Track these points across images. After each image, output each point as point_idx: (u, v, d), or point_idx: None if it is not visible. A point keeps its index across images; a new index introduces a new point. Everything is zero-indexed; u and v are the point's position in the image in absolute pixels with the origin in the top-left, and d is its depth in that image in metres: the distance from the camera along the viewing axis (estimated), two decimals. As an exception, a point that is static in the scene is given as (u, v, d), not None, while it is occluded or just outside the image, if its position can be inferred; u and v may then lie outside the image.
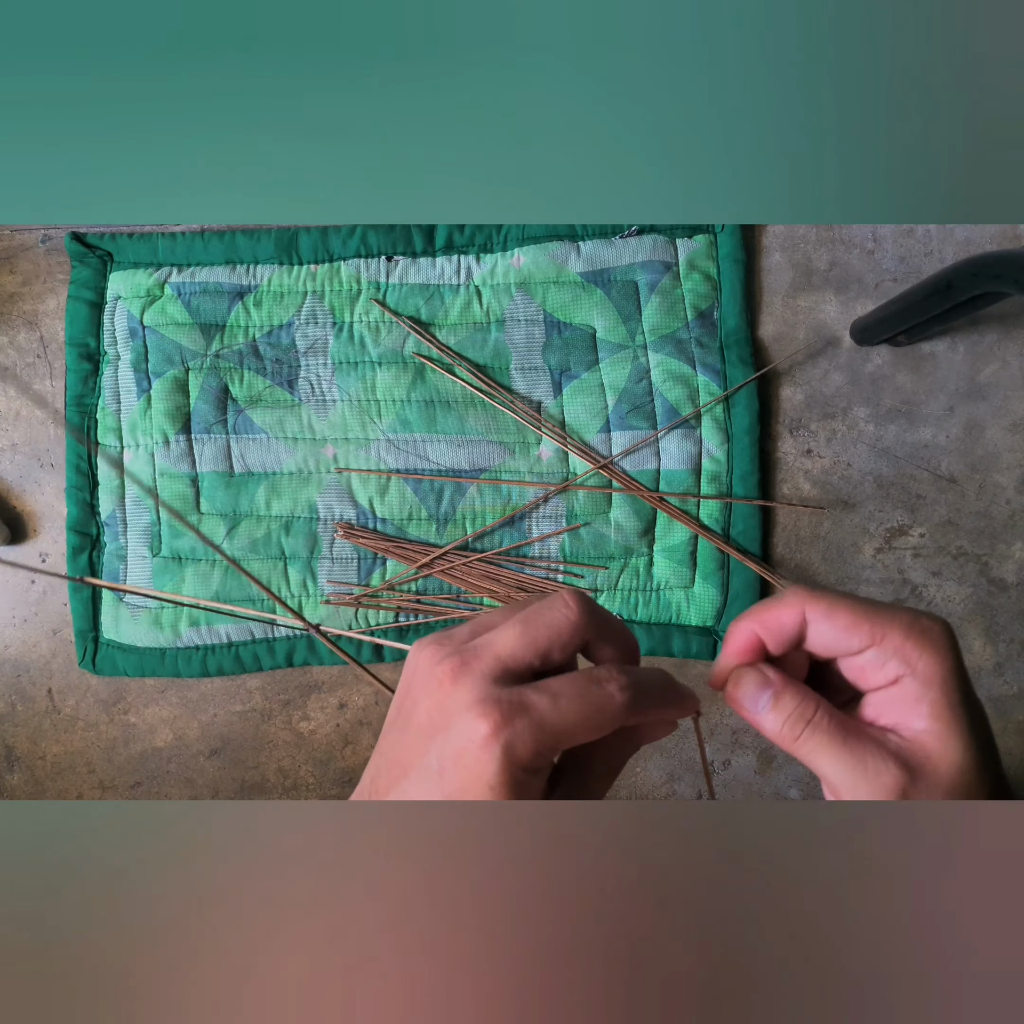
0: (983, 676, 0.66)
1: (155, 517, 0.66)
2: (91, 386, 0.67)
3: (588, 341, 0.66)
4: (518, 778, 0.21)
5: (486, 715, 0.21)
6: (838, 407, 0.67)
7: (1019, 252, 0.47)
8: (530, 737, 0.21)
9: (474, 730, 0.21)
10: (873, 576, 0.66)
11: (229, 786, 0.67)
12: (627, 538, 0.65)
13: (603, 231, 0.67)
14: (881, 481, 0.67)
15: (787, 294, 0.68)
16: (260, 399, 0.66)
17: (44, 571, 0.26)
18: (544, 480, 0.66)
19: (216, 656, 0.66)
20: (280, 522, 0.66)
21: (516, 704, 0.21)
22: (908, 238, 0.67)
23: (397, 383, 0.66)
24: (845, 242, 0.67)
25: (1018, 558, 0.66)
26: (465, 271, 0.67)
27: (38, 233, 0.69)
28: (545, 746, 0.21)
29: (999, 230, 0.67)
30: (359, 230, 0.67)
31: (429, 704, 0.22)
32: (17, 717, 0.67)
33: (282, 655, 0.66)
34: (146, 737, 0.67)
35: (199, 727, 0.67)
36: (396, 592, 0.66)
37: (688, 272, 0.66)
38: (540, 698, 0.21)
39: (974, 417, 0.66)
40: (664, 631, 0.66)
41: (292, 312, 0.66)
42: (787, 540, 0.67)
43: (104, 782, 0.68)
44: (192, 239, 0.67)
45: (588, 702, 0.22)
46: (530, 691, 0.22)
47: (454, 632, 0.24)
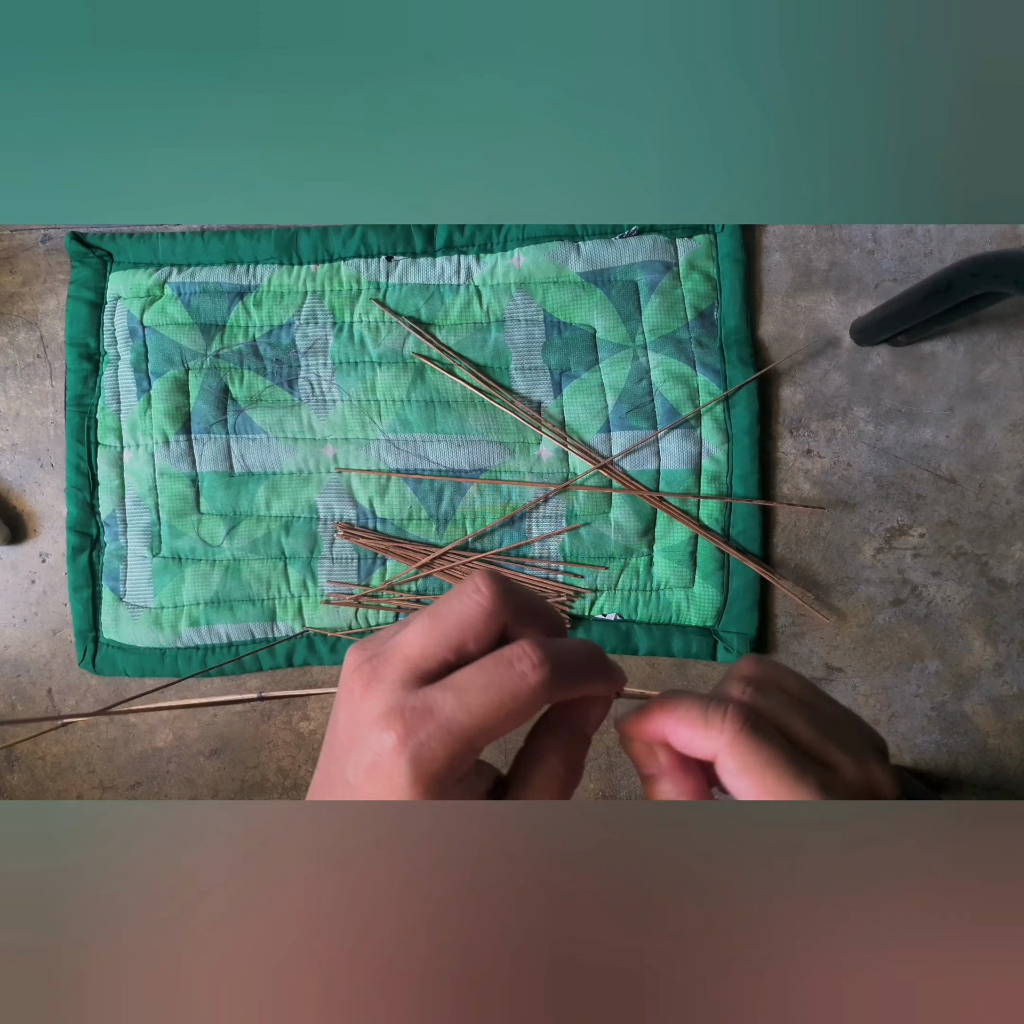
0: (983, 676, 0.67)
1: (155, 517, 0.66)
2: (91, 386, 0.67)
3: (588, 341, 0.66)
4: (432, 790, 0.20)
5: (390, 727, 0.20)
6: (838, 407, 0.67)
7: (1019, 252, 0.47)
8: (438, 743, 0.20)
9: (380, 744, 0.20)
10: (873, 576, 0.66)
11: (229, 786, 0.67)
12: (627, 538, 0.65)
13: (603, 231, 0.67)
14: (881, 481, 0.67)
15: (787, 294, 0.68)
16: (260, 399, 0.66)
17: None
18: (544, 480, 0.66)
19: (216, 656, 0.66)
20: (280, 522, 0.66)
21: (420, 710, 0.20)
22: (908, 238, 0.67)
23: (397, 383, 0.66)
24: (845, 242, 0.67)
25: (1018, 558, 0.66)
26: (465, 271, 0.67)
27: (38, 233, 0.69)
28: (457, 750, 0.20)
29: (999, 230, 0.67)
30: (359, 230, 0.67)
31: (344, 716, 0.21)
32: (17, 717, 0.67)
33: (282, 655, 0.66)
34: (146, 737, 0.67)
35: (199, 727, 0.67)
36: (396, 592, 0.66)
37: (688, 272, 0.66)
38: (445, 697, 0.20)
39: (974, 417, 0.66)
40: (664, 631, 0.66)
41: (292, 312, 0.66)
42: (787, 540, 0.67)
43: (104, 782, 0.68)
44: (192, 239, 0.67)
45: (499, 689, 0.20)
46: (436, 691, 0.20)
47: (379, 634, 0.23)
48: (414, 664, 0.21)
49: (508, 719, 0.20)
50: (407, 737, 0.20)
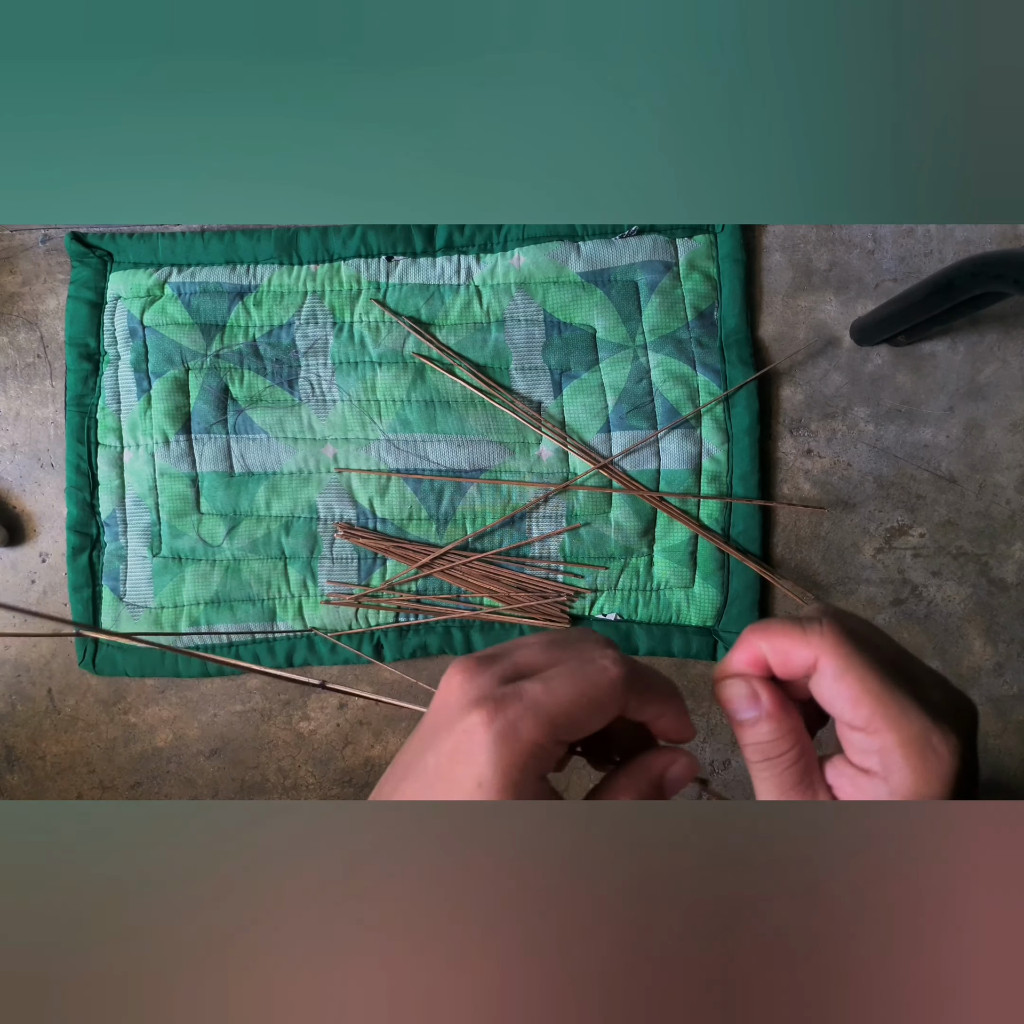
0: (983, 676, 0.66)
1: (155, 517, 0.66)
2: (91, 386, 0.67)
3: (588, 341, 0.66)
4: (511, 775, 0.20)
5: (480, 707, 0.21)
6: (838, 407, 0.67)
7: (1019, 252, 0.47)
8: (523, 724, 0.20)
9: (468, 723, 0.20)
10: (873, 576, 0.66)
11: (229, 786, 0.67)
12: (627, 538, 0.65)
13: (603, 231, 0.67)
14: (881, 481, 0.67)
15: (787, 294, 0.68)
16: (260, 399, 0.66)
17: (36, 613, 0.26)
18: (544, 480, 0.66)
19: (216, 656, 0.66)
20: (280, 522, 0.66)
21: (510, 695, 0.21)
22: (908, 238, 0.67)
23: (397, 383, 0.66)
24: (845, 242, 0.67)
25: (1018, 558, 0.66)
26: (465, 271, 0.67)
27: (38, 233, 0.69)
28: (540, 733, 0.20)
29: (999, 230, 0.67)
30: (359, 230, 0.67)
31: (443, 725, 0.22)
32: (17, 717, 0.67)
33: (282, 655, 0.66)
34: (146, 737, 0.67)
35: (199, 727, 0.67)
36: (396, 592, 0.66)
37: (688, 272, 0.66)
38: (533, 685, 0.21)
39: (974, 417, 0.66)
40: (664, 631, 0.66)
41: (292, 312, 0.66)
42: (787, 540, 0.67)
43: (104, 782, 0.68)
44: (192, 239, 0.67)
45: (583, 678, 0.21)
46: (526, 682, 0.21)
47: (496, 661, 0.23)
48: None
49: (590, 708, 0.21)
50: (495, 714, 0.20)
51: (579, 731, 0.21)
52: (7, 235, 0.68)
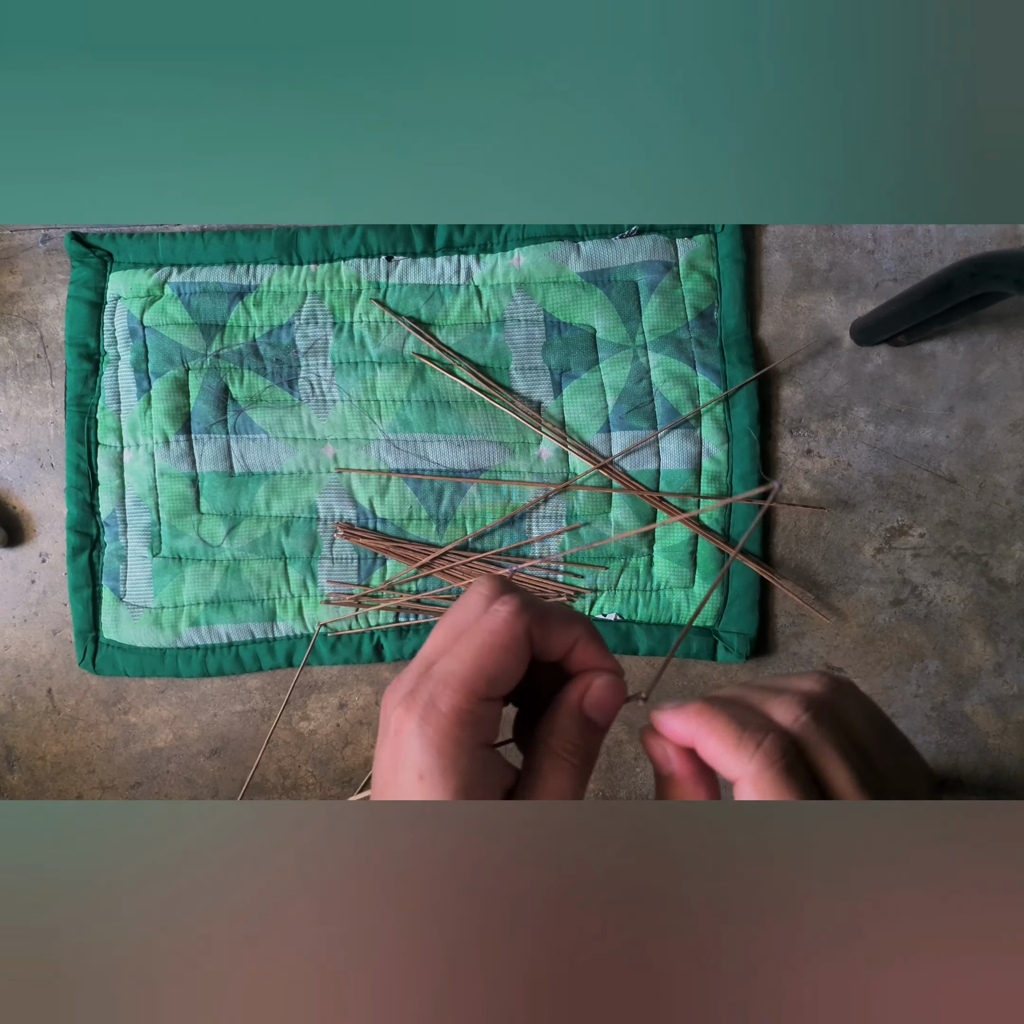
0: (983, 676, 0.67)
1: (155, 517, 0.66)
2: (91, 386, 0.67)
3: (588, 341, 0.66)
4: (447, 751, 0.20)
5: (400, 703, 0.21)
6: (838, 407, 0.67)
7: (1019, 252, 0.47)
8: (439, 698, 0.21)
9: (394, 722, 0.21)
10: (873, 576, 0.66)
11: (229, 786, 0.67)
12: (627, 538, 0.65)
13: (603, 231, 0.67)
14: (881, 481, 0.67)
15: (787, 294, 0.68)
16: (260, 399, 0.66)
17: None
18: (544, 480, 0.66)
19: (216, 656, 0.66)
20: (280, 522, 0.66)
21: (421, 679, 0.21)
22: (908, 238, 0.67)
23: (397, 383, 0.66)
24: (845, 242, 0.67)
25: (1018, 558, 0.66)
26: (465, 271, 0.67)
27: (38, 233, 0.69)
28: (458, 700, 0.21)
29: (999, 230, 0.67)
30: (359, 230, 0.67)
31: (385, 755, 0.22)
32: (17, 717, 0.67)
33: (282, 655, 0.66)
34: (146, 737, 0.67)
35: (199, 727, 0.67)
36: (396, 592, 0.66)
37: (688, 272, 0.66)
38: (441, 661, 0.22)
39: (974, 417, 0.66)
40: (664, 631, 0.66)
41: (292, 312, 0.66)
42: (787, 540, 0.67)
43: (104, 782, 0.68)
44: (192, 239, 0.67)
45: (479, 631, 0.22)
46: (434, 664, 0.22)
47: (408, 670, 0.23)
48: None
49: (496, 657, 0.21)
50: (412, 702, 0.21)
51: (498, 682, 0.21)
52: (7, 235, 0.68)
